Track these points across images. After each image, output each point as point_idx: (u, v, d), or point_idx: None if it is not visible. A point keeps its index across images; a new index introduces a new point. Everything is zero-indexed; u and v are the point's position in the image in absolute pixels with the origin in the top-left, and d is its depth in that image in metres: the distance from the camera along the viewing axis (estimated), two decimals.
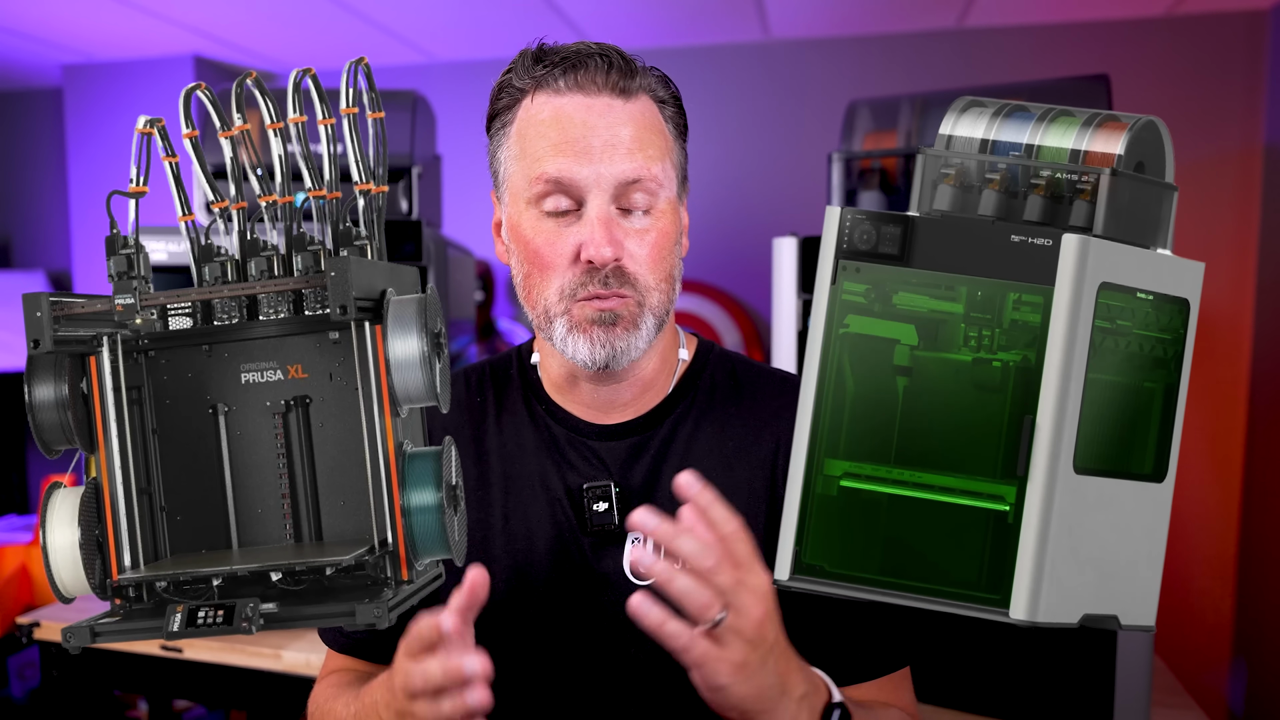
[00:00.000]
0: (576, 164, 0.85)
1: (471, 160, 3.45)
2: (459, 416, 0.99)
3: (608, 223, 0.85)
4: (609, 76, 0.86)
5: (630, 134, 0.86)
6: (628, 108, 0.87)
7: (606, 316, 0.87)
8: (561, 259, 0.87)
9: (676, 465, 0.93)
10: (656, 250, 0.88)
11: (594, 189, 0.85)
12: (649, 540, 0.89)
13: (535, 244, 0.87)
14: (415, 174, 2.18)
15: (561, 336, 0.88)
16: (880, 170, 2.06)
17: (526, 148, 0.88)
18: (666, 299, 0.91)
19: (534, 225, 0.88)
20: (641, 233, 0.87)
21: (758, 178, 3.11)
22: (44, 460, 3.83)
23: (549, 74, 0.87)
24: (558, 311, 0.88)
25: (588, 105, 0.86)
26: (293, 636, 1.87)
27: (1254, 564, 2.69)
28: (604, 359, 0.88)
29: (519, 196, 0.89)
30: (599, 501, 0.90)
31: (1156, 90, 2.80)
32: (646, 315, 0.89)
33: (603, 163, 0.85)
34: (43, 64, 3.50)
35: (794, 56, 3.14)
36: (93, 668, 2.05)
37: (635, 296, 0.88)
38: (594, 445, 0.94)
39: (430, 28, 3.04)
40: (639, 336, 0.88)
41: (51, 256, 3.93)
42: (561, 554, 0.92)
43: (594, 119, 0.86)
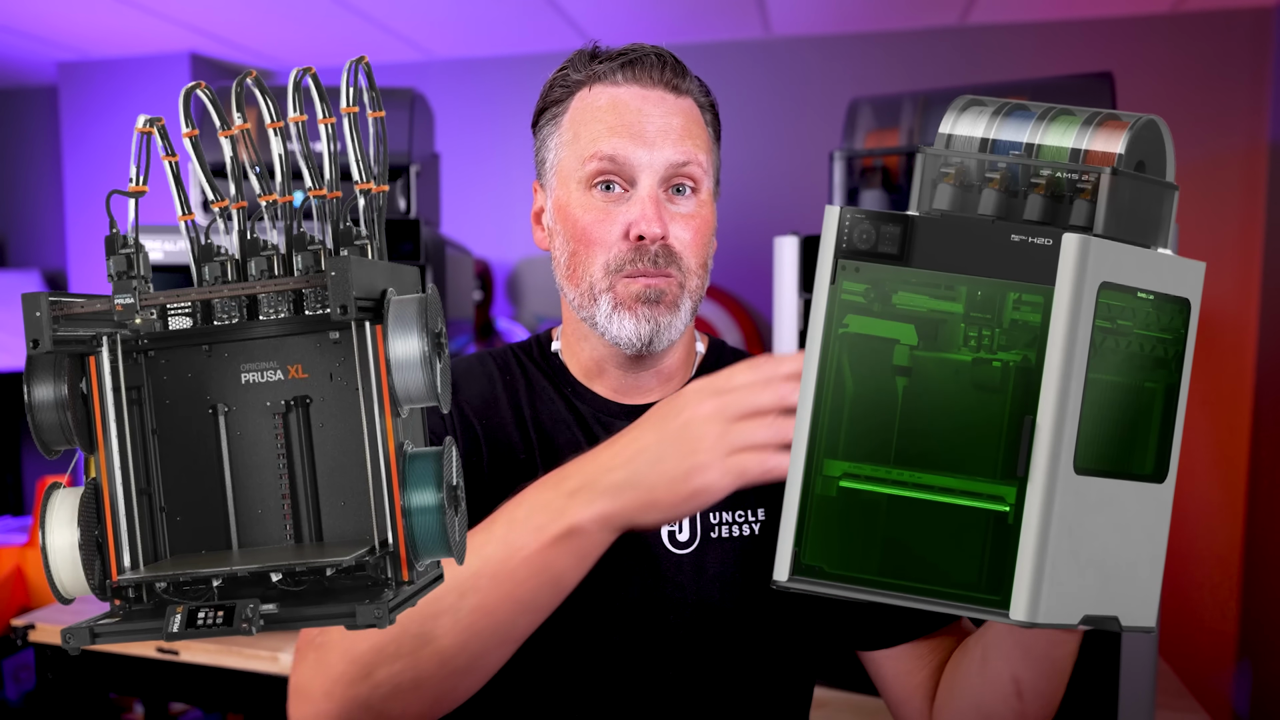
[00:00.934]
0: (632, 145, 0.90)
1: (470, 159, 3.46)
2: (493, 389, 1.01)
3: (658, 202, 0.91)
4: (663, 73, 0.93)
5: (681, 124, 0.92)
6: (679, 102, 0.94)
7: (652, 293, 0.91)
8: (610, 235, 0.91)
9: None
10: (699, 235, 0.93)
11: (646, 170, 0.91)
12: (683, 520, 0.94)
13: (584, 221, 0.92)
14: (413, 172, 2.19)
15: (606, 314, 0.92)
16: (882, 169, 2.07)
17: (581, 131, 0.93)
18: (701, 285, 0.96)
19: (583, 203, 0.92)
20: (686, 217, 0.93)
21: (759, 176, 3.11)
22: (39, 461, 3.84)
23: (607, 68, 0.93)
24: (603, 288, 0.92)
25: (643, 95, 0.92)
26: (290, 638, 1.88)
27: (1259, 566, 2.69)
28: (648, 335, 0.92)
29: (569, 178, 0.94)
30: None
31: (1161, 88, 2.81)
32: (685, 298, 0.94)
33: (656, 147, 0.91)
34: (38, 61, 3.50)
35: (795, 54, 3.15)
36: (88, 670, 2.06)
37: (679, 277, 0.92)
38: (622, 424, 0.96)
39: (428, 25, 3.04)
40: (678, 317, 0.93)
41: (46, 255, 3.93)
42: None
43: (649, 107, 0.92)
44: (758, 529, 0.96)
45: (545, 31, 3.09)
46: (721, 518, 0.96)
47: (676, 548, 0.95)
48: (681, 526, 0.96)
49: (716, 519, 0.96)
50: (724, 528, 0.96)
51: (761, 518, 0.97)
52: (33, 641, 2.05)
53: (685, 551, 0.95)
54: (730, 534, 0.96)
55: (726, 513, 0.96)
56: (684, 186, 0.93)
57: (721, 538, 0.96)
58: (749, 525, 0.96)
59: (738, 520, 0.96)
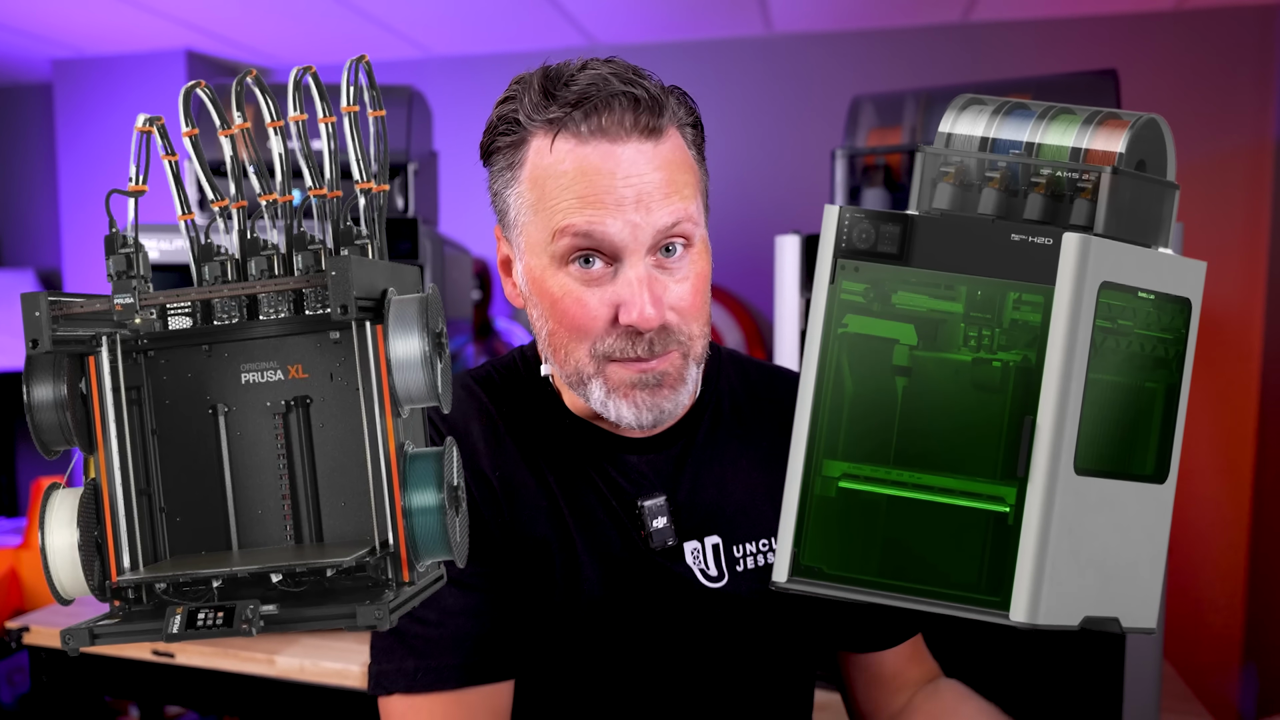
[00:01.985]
0: (610, 217, 0.79)
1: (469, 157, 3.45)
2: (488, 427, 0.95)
3: (649, 282, 0.80)
4: (636, 118, 0.79)
5: (664, 179, 0.80)
6: (658, 150, 0.81)
7: (650, 379, 0.83)
8: (597, 322, 0.82)
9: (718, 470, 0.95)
10: (697, 295, 0.84)
11: (631, 244, 0.80)
12: (706, 549, 0.92)
13: (564, 305, 0.82)
14: (411, 171, 2.20)
15: (600, 400, 0.85)
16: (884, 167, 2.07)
17: (546, 199, 0.81)
18: (706, 342, 0.88)
19: (561, 284, 0.82)
20: (681, 280, 0.83)
21: (760, 174, 3.12)
22: (33, 462, 3.84)
23: (568, 118, 0.79)
24: (591, 373, 0.84)
25: (615, 154, 0.79)
26: (286, 641, 1.88)
27: (1264, 568, 2.70)
28: (650, 422, 0.85)
29: (539, 249, 0.83)
30: (656, 518, 0.91)
31: (1166, 86, 2.81)
32: (690, 366, 0.86)
33: (638, 213, 0.79)
34: (32, 59, 3.51)
35: (797, 51, 3.15)
36: (83, 673, 2.06)
37: (680, 350, 0.84)
38: (632, 460, 0.93)
39: (426, 21, 3.05)
40: (685, 391, 0.86)
41: (41, 254, 3.94)
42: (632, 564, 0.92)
43: (623, 168, 0.79)
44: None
45: (544, 28, 3.10)
46: (745, 549, 0.94)
47: (709, 582, 0.93)
48: (708, 564, 0.92)
49: (740, 551, 0.94)
50: (748, 559, 0.94)
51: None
52: (27, 644, 2.05)
53: (717, 586, 0.93)
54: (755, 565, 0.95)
55: (750, 544, 0.94)
56: (674, 246, 0.82)
57: (747, 569, 0.94)
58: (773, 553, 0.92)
59: (761, 550, 0.95)
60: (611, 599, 0.92)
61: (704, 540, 0.93)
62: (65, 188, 3.54)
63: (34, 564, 2.87)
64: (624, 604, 0.92)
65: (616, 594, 0.92)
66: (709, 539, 0.93)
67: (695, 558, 0.93)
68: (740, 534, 0.94)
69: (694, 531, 0.93)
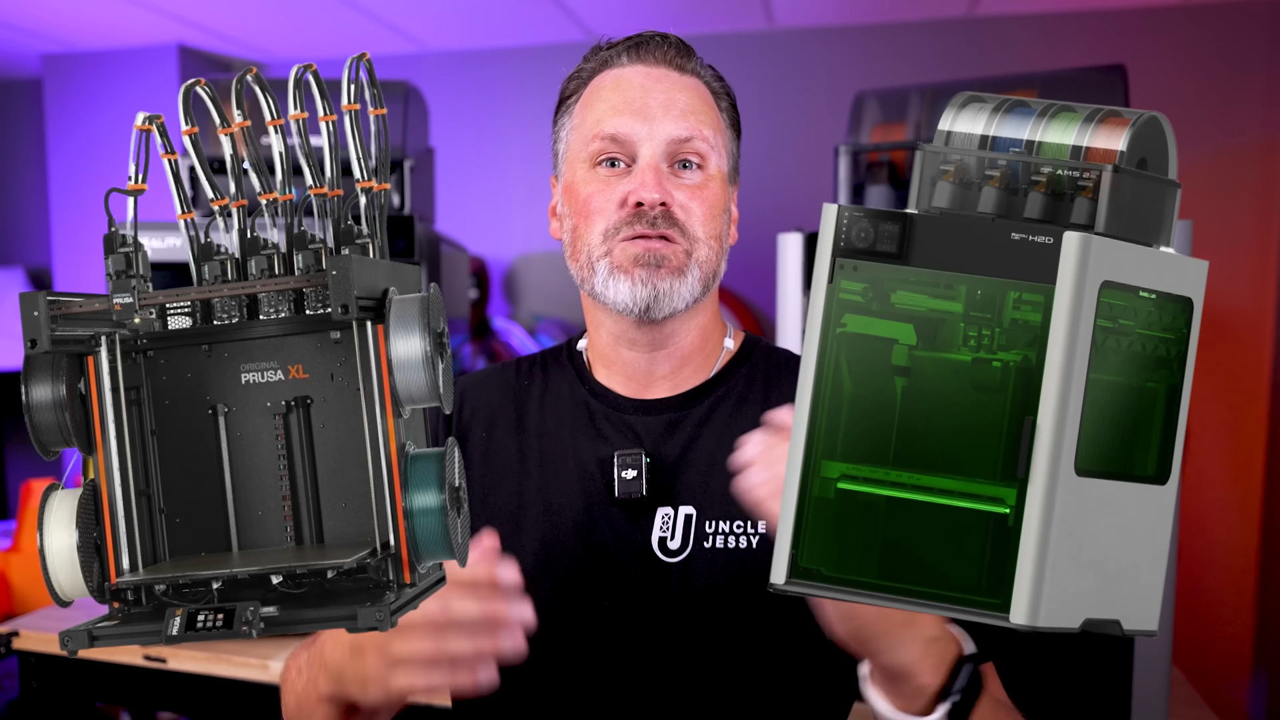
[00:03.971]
0: (634, 120, 0.93)
1: (466, 154, 3.47)
2: (504, 399, 1.04)
3: (657, 170, 0.92)
4: (667, 53, 0.96)
5: (685, 99, 0.94)
6: (684, 79, 0.96)
7: (651, 257, 0.92)
8: (609, 204, 0.93)
9: (712, 443, 0.97)
10: (707, 206, 0.94)
11: (647, 143, 0.93)
12: (677, 519, 0.94)
13: (586, 194, 0.94)
14: (408, 168, 2.21)
15: (603, 279, 0.93)
16: (889, 163, 2.08)
17: (588, 115, 0.96)
18: (715, 257, 0.96)
19: (587, 181, 0.95)
20: (692, 188, 0.94)
21: (762, 172, 3.13)
22: (23, 464, 3.85)
23: (613, 53, 0.98)
24: (599, 253, 0.93)
25: (647, 73, 0.96)
26: (280, 646, 1.89)
27: (1275, 572, 2.71)
28: (645, 299, 0.92)
29: (576, 159, 0.97)
30: (628, 469, 0.94)
31: (1174, 81, 2.82)
32: (693, 266, 0.93)
33: (657, 120, 0.93)
34: (21, 53, 3.52)
35: (799, 46, 3.16)
36: (74, 679, 2.07)
37: (684, 244, 0.93)
38: (629, 419, 0.99)
39: (422, 16, 3.06)
40: (684, 284, 0.93)
41: (30, 252, 3.95)
42: (589, 526, 0.96)
43: (651, 84, 0.95)
44: (755, 542, 0.94)
45: (542, 23, 3.11)
46: (718, 526, 0.94)
47: (667, 555, 0.94)
48: (674, 533, 0.94)
49: (712, 528, 0.94)
50: (719, 538, 0.94)
51: (761, 530, 0.94)
52: (17, 649, 2.05)
53: (675, 560, 0.94)
54: (725, 544, 0.94)
55: (724, 522, 0.94)
56: (689, 162, 0.94)
57: (715, 548, 0.94)
58: (746, 537, 0.94)
59: (735, 531, 0.94)
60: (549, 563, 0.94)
61: (677, 509, 0.95)
62: (55, 185, 3.55)
63: (23, 567, 2.87)
64: (561, 570, 0.94)
65: (555, 558, 0.95)
66: (683, 508, 0.95)
67: (664, 524, 0.95)
68: (716, 510, 0.94)
69: (670, 497, 0.95)
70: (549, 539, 0.96)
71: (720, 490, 0.94)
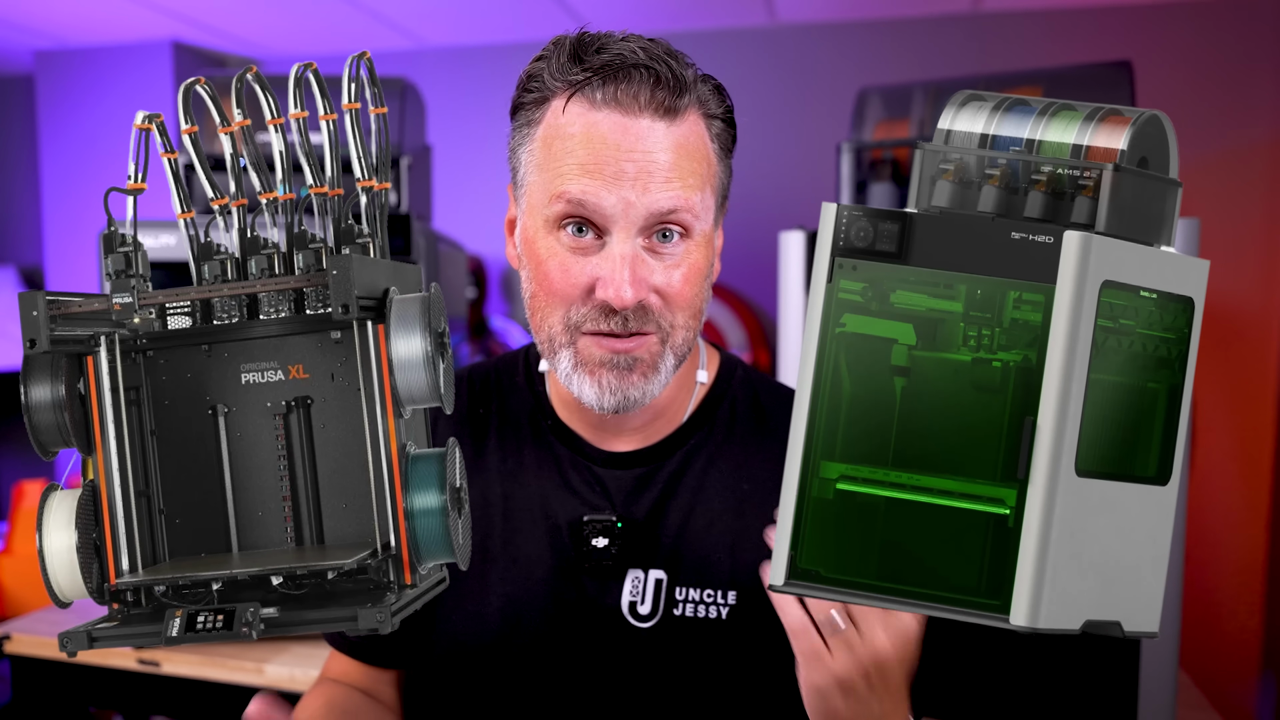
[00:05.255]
0: (605, 189, 0.80)
1: (464, 151, 3.48)
2: (460, 429, 1.00)
3: (632, 262, 0.81)
4: (654, 94, 0.80)
5: (669, 161, 0.81)
6: (671, 131, 0.81)
7: (622, 360, 0.84)
8: (574, 290, 0.83)
9: (685, 503, 0.93)
10: (687, 284, 0.84)
11: (620, 220, 0.81)
12: (647, 582, 0.91)
13: (548, 268, 0.84)
14: (404, 165, 2.22)
15: (566, 373, 0.86)
16: (892, 161, 2.08)
17: (550, 160, 0.83)
18: (691, 335, 0.87)
19: (549, 248, 0.84)
20: (670, 267, 0.83)
21: (764, 169, 3.14)
22: (15, 465, 3.86)
23: (587, 83, 0.81)
24: (563, 342, 0.85)
25: (624, 126, 0.80)
26: (276, 650, 1.90)
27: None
28: (613, 406, 0.85)
29: (536, 210, 0.85)
30: (599, 537, 0.90)
31: (1181, 78, 2.83)
32: (668, 355, 0.86)
33: (634, 190, 0.80)
34: (14, 49, 3.53)
35: (802, 42, 3.17)
36: (66, 682, 2.07)
37: (658, 335, 0.84)
38: (599, 471, 0.94)
39: (420, 11, 3.07)
40: (656, 381, 0.86)
41: (22, 251, 3.96)
42: (558, 587, 0.92)
43: (630, 141, 0.80)
44: (725, 612, 0.90)
45: (541, 18, 3.11)
46: (688, 594, 0.91)
47: (637, 620, 0.91)
48: (644, 598, 0.91)
49: (682, 595, 0.91)
50: (689, 605, 0.91)
51: (732, 601, 0.91)
52: (9, 653, 2.06)
53: (645, 625, 0.91)
54: (695, 614, 0.91)
55: (695, 590, 0.91)
56: (670, 232, 0.83)
57: (684, 616, 0.91)
58: (717, 607, 0.90)
59: (705, 600, 0.91)
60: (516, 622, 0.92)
61: (648, 571, 0.91)
62: (48, 183, 3.55)
63: (16, 570, 2.88)
64: (529, 630, 0.92)
65: (523, 617, 0.92)
66: (653, 572, 0.91)
67: (634, 588, 0.91)
68: (689, 577, 0.91)
69: (640, 560, 0.92)
70: (517, 596, 0.93)
71: (692, 554, 0.91)
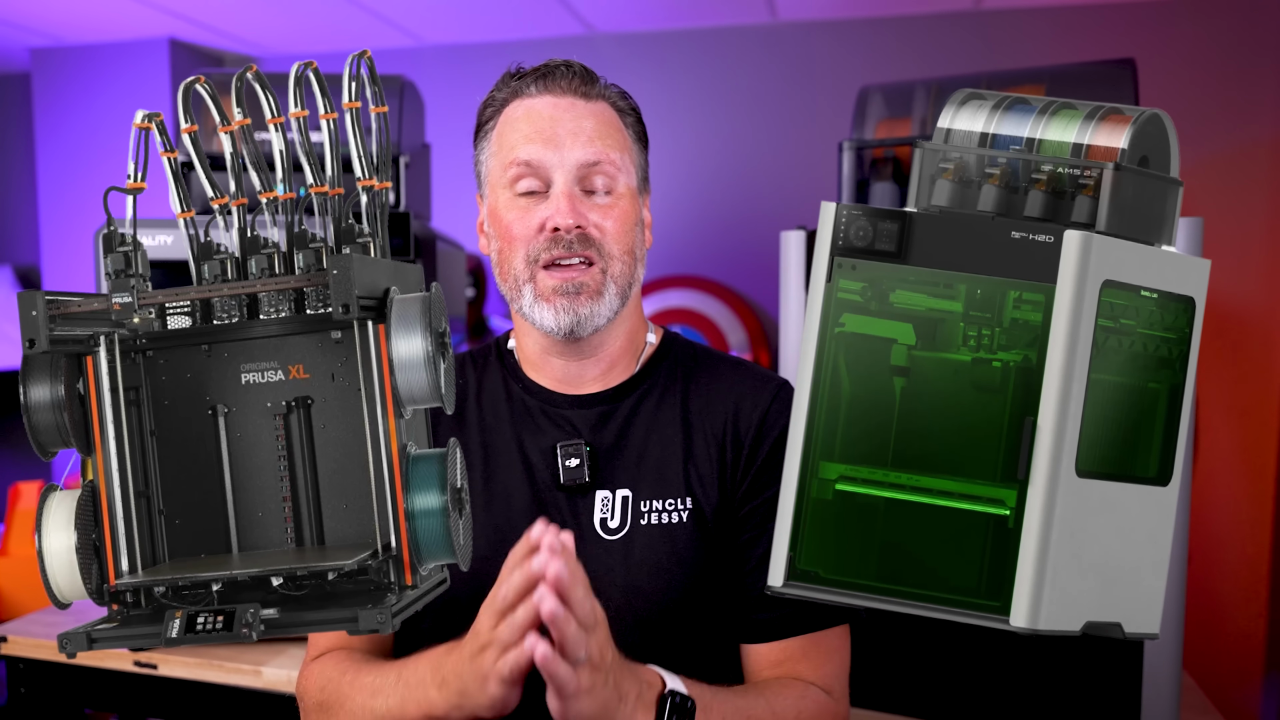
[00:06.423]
0: (545, 149, 1.04)
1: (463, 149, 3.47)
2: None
3: (570, 197, 1.04)
4: (572, 82, 1.07)
5: (591, 126, 1.06)
6: (590, 106, 1.08)
7: (570, 286, 1.04)
8: (529, 230, 1.05)
9: (642, 430, 1.11)
10: (618, 223, 1.06)
11: (559, 169, 1.04)
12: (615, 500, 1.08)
13: (508, 220, 1.06)
14: (403, 164, 2.22)
15: (529, 304, 1.05)
16: (894, 160, 2.08)
17: (503, 142, 1.08)
18: (629, 271, 1.08)
19: (508, 204, 1.07)
20: (604, 208, 1.06)
21: (764, 168, 3.14)
22: (11, 466, 3.86)
23: (523, 84, 1.08)
24: (525, 278, 1.06)
25: (554, 103, 1.07)
26: (273, 652, 1.90)
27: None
28: (568, 325, 1.04)
29: (497, 184, 1.08)
30: (571, 458, 1.06)
31: (1185, 76, 2.83)
32: (609, 284, 1.06)
33: (566, 148, 1.04)
34: (9, 47, 3.53)
35: (803, 40, 3.17)
36: (63, 684, 2.07)
37: (600, 263, 1.05)
38: (565, 413, 1.11)
39: (418, 9, 3.07)
40: (602, 304, 1.05)
41: (18, 250, 3.96)
42: (538, 510, 1.06)
43: (560, 113, 1.06)
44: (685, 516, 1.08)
45: (542, 16, 3.12)
46: (652, 505, 1.08)
47: (608, 534, 1.06)
48: (614, 513, 1.08)
49: (646, 506, 1.08)
50: (654, 514, 1.08)
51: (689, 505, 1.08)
52: (5, 655, 2.06)
53: (615, 537, 1.06)
54: (660, 520, 1.07)
55: (657, 500, 1.08)
56: (595, 184, 1.06)
57: (650, 524, 1.07)
58: (678, 513, 1.08)
59: (667, 508, 1.08)
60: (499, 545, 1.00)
61: (615, 491, 1.08)
62: (44, 181, 3.55)
63: (12, 572, 2.88)
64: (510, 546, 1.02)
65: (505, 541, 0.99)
66: (620, 490, 1.08)
67: (604, 505, 1.08)
68: (649, 491, 1.08)
69: (608, 481, 1.08)
70: (502, 524, 1.06)
71: (651, 473, 1.09)
